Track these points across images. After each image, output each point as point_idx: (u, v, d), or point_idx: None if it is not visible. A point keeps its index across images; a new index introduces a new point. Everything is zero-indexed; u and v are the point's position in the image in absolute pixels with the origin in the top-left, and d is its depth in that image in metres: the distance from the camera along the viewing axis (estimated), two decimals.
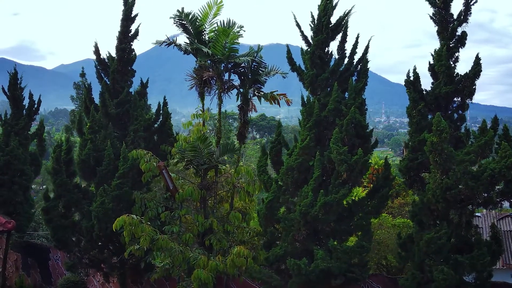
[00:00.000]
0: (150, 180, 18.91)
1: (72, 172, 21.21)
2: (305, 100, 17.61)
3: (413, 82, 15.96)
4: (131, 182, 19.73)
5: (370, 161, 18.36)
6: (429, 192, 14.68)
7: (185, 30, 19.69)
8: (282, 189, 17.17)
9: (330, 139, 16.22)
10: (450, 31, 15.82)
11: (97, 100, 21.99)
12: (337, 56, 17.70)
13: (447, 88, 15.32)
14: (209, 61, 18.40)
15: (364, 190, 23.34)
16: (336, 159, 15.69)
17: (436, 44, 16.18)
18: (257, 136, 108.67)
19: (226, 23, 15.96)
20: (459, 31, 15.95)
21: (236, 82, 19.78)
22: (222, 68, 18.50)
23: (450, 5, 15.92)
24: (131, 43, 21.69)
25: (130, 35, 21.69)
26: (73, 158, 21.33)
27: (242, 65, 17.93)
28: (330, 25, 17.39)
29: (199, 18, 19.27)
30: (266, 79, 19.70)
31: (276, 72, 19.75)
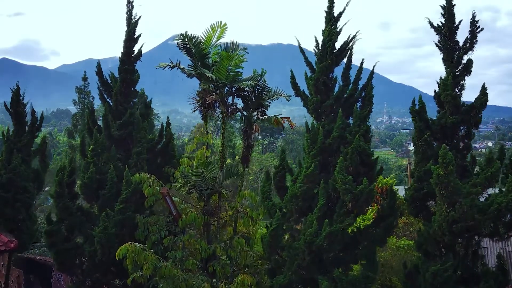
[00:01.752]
0: (153, 203, 18.84)
1: (75, 194, 21.11)
2: (309, 126, 17.47)
3: (418, 111, 15.84)
4: (134, 206, 19.64)
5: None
6: (435, 224, 14.57)
7: (189, 53, 19.58)
8: (286, 216, 17.07)
9: (334, 166, 16.10)
10: (456, 59, 15.71)
11: (98, 102, 21.86)
12: (341, 82, 17.56)
13: (453, 118, 15.20)
14: (212, 85, 18.33)
15: (368, 209, 23.19)
16: (341, 189, 15.57)
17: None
18: (259, 137, 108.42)
19: (230, 45, 15.89)
20: (465, 58, 15.83)
21: (240, 104, 19.72)
22: (225, 92, 18.43)
23: (456, 32, 15.80)
24: (135, 64, 21.58)
25: (133, 56, 21.58)
26: (75, 180, 21.23)
27: (245, 88, 17.85)
28: (334, 51, 17.27)
29: (202, 41, 19.20)
30: (270, 102, 19.63)
31: (280, 95, 19.68)
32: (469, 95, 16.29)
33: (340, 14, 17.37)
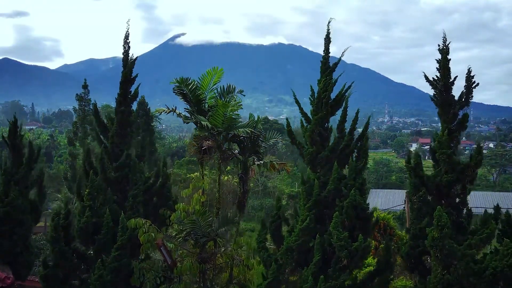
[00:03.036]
0: (148, 250, 18.85)
1: (71, 237, 21.08)
2: (305, 178, 17.43)
3: (414, 168, 15.78)
4: (130, 250, 19.60)
5: (373, 217, 18.18)
6: (430, 285, 14.51)
7: (185, 98, 19.58)
8: (282, 268, 17.03)
9: (330, 218, 16.07)
10: (451, 114, 15.66)
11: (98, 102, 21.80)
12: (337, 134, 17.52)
13: (448, 176, 15.14)
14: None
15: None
16: (337, 245, 15.53)
17: (438, 43, 15.98)
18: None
19: (226, 88, 15.97)
20: (460, 113, 15.79)
21: (236, 148, 19.70)
22: (221, 138, 18.42)
23: (451, 88, 15.76)
24: (131, 105, 21.54)
25: (129, 96, 21.53)
26: (72, 222, 21.21)
27: (242, 135, 17.85)
28: (330, 101, 17.25)
29: (198, 85, 19.18)
30: (266, 147, 19.60)
31: (276, 140, 19.65)
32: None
33: (336, 64, 17.34)
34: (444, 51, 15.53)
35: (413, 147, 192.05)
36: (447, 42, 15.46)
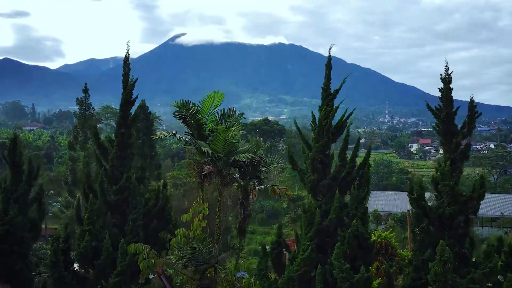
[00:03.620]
0: (148, 276, 18.70)
1: (70, 261, 20.97)
2: (306, 206, 17.28)
3: (416, 199, 15.62)
4: (130, 275, 19.49)
5: (373, 238, 18.05)
6: None
7: (186, 123, 19.43)
8: None
9: (332, 247, 15.93)
10: (454, 144, 15.50)
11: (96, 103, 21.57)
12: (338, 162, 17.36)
13: (451, 209, 14.99)
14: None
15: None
16: (339, 277, 15.39)
17: (439, 43, 15.84)
18: (261, 141, 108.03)
19: (227, 111, 15.86)
20: (463, 143, 15.63)
21: (237, 173, 19.54)
22: (222, 163, 18.26)
23: (454, 118, 15.60)
24: (131, 127, 21.40)
25: (129, 118, 21.39)
26: (71, 246, 21.08)
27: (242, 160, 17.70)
28: (331, 128, 17.12)
29: (199, 109, 19.05)
30: (267, 171, 19.45)
31: (277, 164, 19.51)
32: (468, 95, 15.90)
33: (337, 91, 17.19)
34: (447, 80, 15.36)
35: (414, 147, 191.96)
36: (450, 72, 15.28)
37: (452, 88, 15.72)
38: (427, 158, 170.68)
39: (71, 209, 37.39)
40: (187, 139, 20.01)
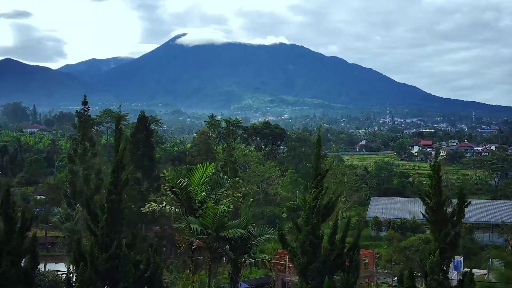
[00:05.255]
0: None
1: None
2: None
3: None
4: None
5: None
6: None
7: (176, 196, 19.57)
8: None
9: None
10: (444, 234, 15.58)
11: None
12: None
13: None
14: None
15: None
16: None
17: (440, 43, 15.87)
18: (262, 145, 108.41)
19: (217, 180, 15.99)
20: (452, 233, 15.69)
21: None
22: (212, 238, 18.41)
23: (444, 206, 15.73)
24: (122, 192, 21.40)
25: (121, 183, 21.38)
26: None
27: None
28: (321, 209, 17.22)
29: (189, 182, 19.06)
30: (258, 245, 19.65)
31: (267, 238, 19.75)
32: (469, 95, 15.82)
33: (327, 170, 17.52)
34: (436, 168, 15.59)
35: (415, 149, 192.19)
36: (438, 159, 15.33)
37: (442, 176, 15.97)
38: (428, 160, 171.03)
39: (70, 221, 37.54)
40: (176, 210, 20.03)
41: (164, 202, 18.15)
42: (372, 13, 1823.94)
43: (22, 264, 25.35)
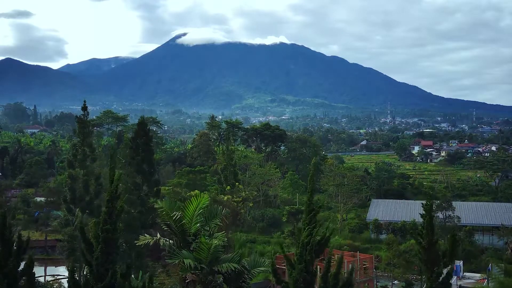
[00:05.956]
0: None
1: None
2: None
3: None
4: None
5: None
6: None
7: (170, 228, 19.55)
8: None
9: None
10: (436, 274, 15.74)
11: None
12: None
13: None
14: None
15: None
16: None
17: (440, 43, 15.89)
18: (262, 146, 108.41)
19: (212, 212, 16.06)
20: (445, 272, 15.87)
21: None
22: (205, 272, 18.35)
23: (436, 245, 15.91)
24: (117, 221, 21.36)
25: (115, 213, 21.35)
26: None
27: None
28: (314, 246, 17.38)
29: (183, 215, 19.02)
30: (251, 278, 19.46)
31: (261, 270, 19.79)
32: (470, 95, 15.75)
33: (320, 207, 17.66)
34: (428, 208, 15.80)
35: (415, 149, 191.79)
36: (431, 200, 15.53)
37: (434, 216, 16.11)
38: (428, 161, 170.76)
39: (70, 227, 37.55)
40: (170, 243, 19.98)
41: (158, 234, 18.11)
42: (372, 13, 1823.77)
43: None
